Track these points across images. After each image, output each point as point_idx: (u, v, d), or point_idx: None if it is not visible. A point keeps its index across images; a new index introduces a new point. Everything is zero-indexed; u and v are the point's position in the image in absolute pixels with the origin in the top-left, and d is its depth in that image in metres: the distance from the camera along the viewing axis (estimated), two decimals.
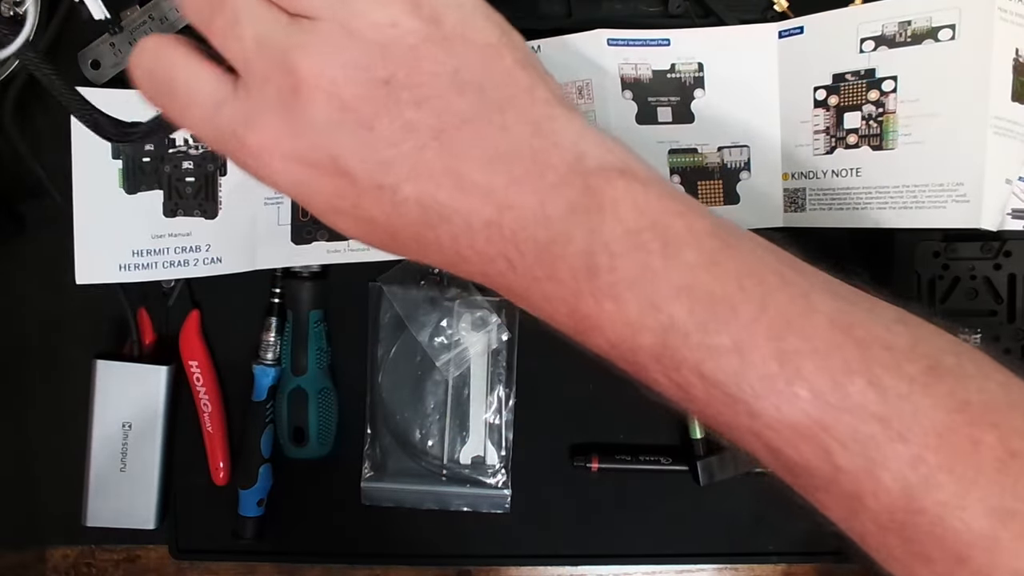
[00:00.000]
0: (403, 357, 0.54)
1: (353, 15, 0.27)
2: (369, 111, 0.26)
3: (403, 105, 0.27)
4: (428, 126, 0.27)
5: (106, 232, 0.52)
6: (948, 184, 0.45)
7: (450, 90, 0.27)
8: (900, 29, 0.46)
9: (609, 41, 0.50)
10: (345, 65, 0.27)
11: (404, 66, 0.27)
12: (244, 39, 0.27)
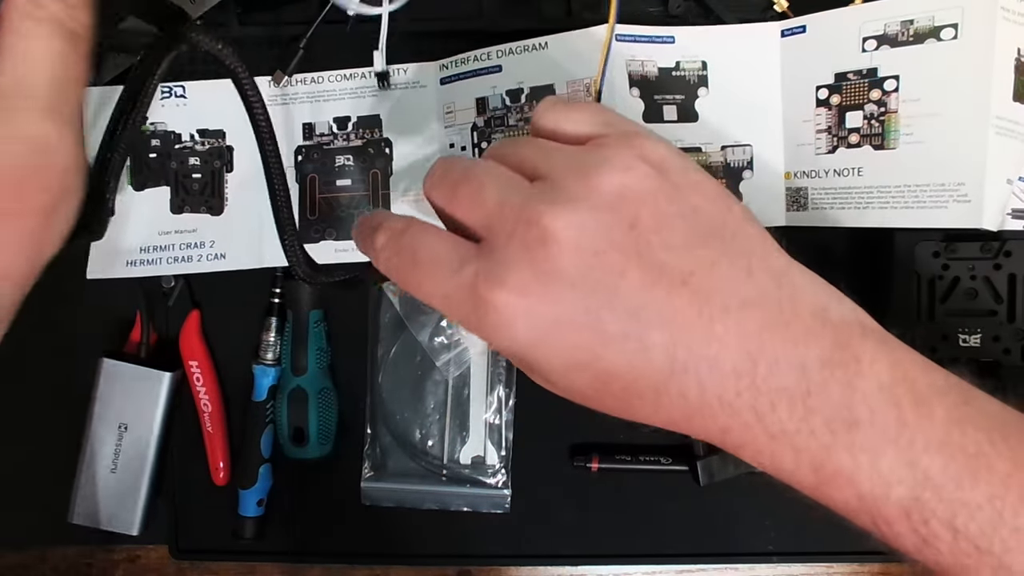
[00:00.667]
0: (403, 357, 0.54)
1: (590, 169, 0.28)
2: (619, 257, 0.26)
3: (653, 249, 0.27)
4: (678, 270, 0.26)
5: (115, 228, 0.52)
6: (949, 184, 0.45)
7: (693, 234, 0.27)
8: (902, 28, 0.46)
9: (617, 36, 0.50)
10: (592, 210, 0.27)
11: (646, 208, 0.27)
12: (487, 203, 0.28)
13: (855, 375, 0.26)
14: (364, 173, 0.53)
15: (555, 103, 0.32)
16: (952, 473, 0.26)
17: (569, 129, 0.31)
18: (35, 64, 0.28)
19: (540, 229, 0.27)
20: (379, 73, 0.52)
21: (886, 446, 0.26)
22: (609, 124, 0.31)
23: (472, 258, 0.28)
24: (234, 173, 0.53)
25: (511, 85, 0.50)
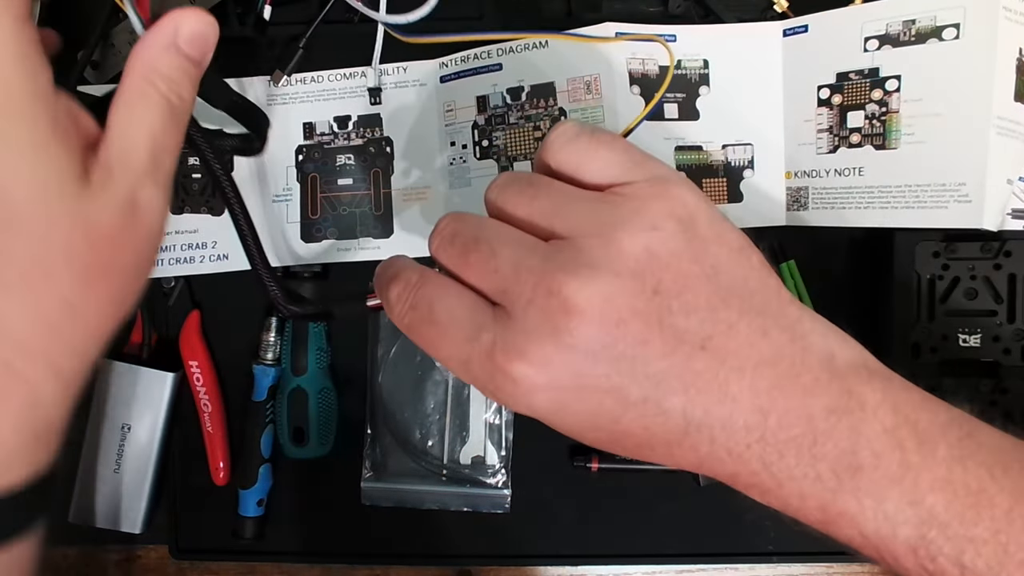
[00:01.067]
0: (403, 357, 0.54)
1: (614, 229, 0.27)
2: (642, 326, 0.26)
3: (675, 315, 0.27)
4: (698, 335, 0.27)
5: None
6: (950, 184, 0.45)
7: (714, 295, 0.27)
8: (904, 28, 0.46)
9: (618, 34, 0.50)
10: (615, 277, 0.26)
11: (669, 272, 0.27)
12: (502, 269, 0.28)
13: (860, 420, 0.27)
14: (365, 172, 0.53)
15: (578, 134, 0.30)
16: (956, 510, 0.26)
17: (594, 171, 0.30)
18: (139, 137, 0.29)
19: (561, 300, 0.26)
20: (371, 88, 0.52)
21: (891, 488, 0.27)
22: (637, 166, 0.30)
23: (490, 324, 0.28)
24: (234, 173, 0.53)
25: (512, 83, 0.50)
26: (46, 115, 0.26)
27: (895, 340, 0.49)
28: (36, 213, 0.26)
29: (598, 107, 0.50)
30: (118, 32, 0.51)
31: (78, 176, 0.26)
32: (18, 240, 0.25)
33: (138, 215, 0.29)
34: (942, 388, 0.48)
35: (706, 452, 0.27)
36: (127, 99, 0.29)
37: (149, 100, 0.29)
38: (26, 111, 0.25)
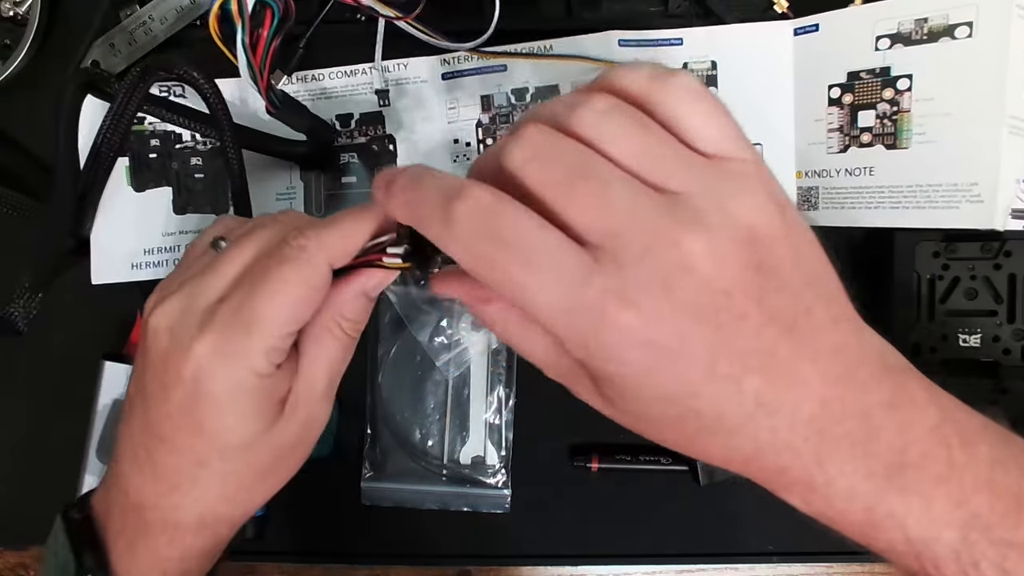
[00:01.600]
0: (403, 357, 0.54)
1: (729, 196, 0.26)
2: (744, 300, 0.26)
3: (769, 293, 0.26)
4: (786, 317, 0.26)
5: (117, 231, 0.52)
6: (962, 184, 0.45)
7: (800, 279, 0.27)
8: (916, 27, 0.46)
9: (620, 42, 0.50)
10: (731, 242, 0.26)
11: (770, 252, 0.26)
12: (617, 208, 0.25)
13: (910, 417, 0.27)
14: (369, 170, 0.53)
15: (704, 95, 0.28)
16: (1000, 511, 0.26)
17: (709, 136, 0.28)
18: (321, 371, 0.35)
19: (681, 254, 0.25)
20: (379, 90, 0.52)
21: (938, 487, 0.26)
22: (746, 144, 0.28)
23: (596, 270, 0.25)
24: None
25: (517, 84, 0.50)
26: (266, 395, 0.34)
27: (895, 340, 0.49)
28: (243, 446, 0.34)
29: None
30: (118, 32, 0.51)
31: (275, 418, 0.34)
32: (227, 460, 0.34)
33: (312, 428, 0.37)
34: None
35: (765, 442, 0.27)
36: (316, 333, 0.35)
37: (333, 338, 0.35)
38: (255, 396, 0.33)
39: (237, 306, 0.32)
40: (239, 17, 0.40)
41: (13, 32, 0.52)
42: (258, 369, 0.32)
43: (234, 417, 0.33)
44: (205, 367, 0.32)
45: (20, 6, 0.51)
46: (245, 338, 0.32)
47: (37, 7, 0.51)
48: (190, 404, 0.33)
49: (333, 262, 0.32)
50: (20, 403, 0.55)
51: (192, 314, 0.33)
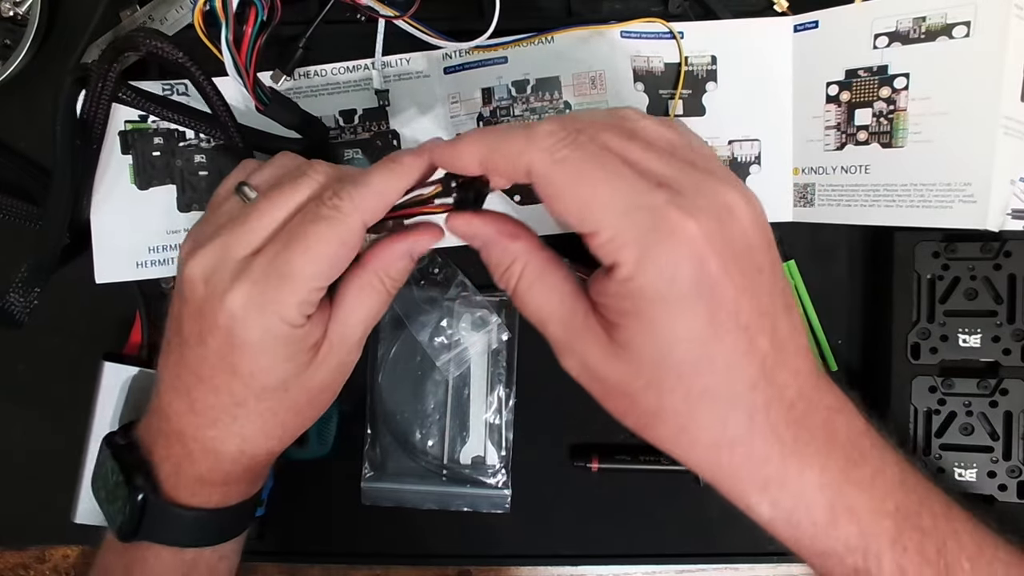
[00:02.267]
0: (403, 357, 0.54)
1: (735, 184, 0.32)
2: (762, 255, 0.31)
3: (776, 266, 0.32)
4: (785, 294, 0.32)
5: (121, 230, 0.52)
6: (956, 184, 0.45)
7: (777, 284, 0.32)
8: (914, 25, 0.46)
9: (622, 34, 0.50)
10: (760, 211, 0.32)
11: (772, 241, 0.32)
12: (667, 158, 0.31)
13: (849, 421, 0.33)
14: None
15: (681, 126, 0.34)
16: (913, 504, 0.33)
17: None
18: (359, 322, 0.37)
19: (726, 200, 0.30)
20: (378, 91, 0.52)
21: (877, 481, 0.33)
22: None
23: (662, 188, 0.29)
24: None
25: (517, 76, 0.50)
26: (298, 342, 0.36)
27: (895, 340, 0.49)
28: (278, 387, 0.36)
29: (603, 102, 0.50)
30: (118, 32, 0.51)
31: (308, 362, 0.36)
32: (263, 400, 0.36)
33: (343, 371, 0.39)
34: (942, 388, 0.48)
35: (760, 422, 0.30)
36: (358, 285, 0.37)
37: (374, 292, 0.37)
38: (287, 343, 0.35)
39: (272, 259, 0.34)
40: (223, 14, 0.41)
41: (13, 32, 0.52)
42: (290, 320, 0.34)
43: (268, 361, 0.35)
44: (240, 316, 0.34)
45: (20, 6, 0.51)
46: (278, 291, 0.34)
47: (37, 7, 0.51)
48: (226, 350, 0.35)
49: (367, 221, 0.34)
50: (20, 403, 0.55)
51: (227, 265, 0.35)
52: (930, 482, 0.35)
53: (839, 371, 0.52)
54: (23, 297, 0.44)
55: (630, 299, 0.30)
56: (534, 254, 0.34)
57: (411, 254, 0.37)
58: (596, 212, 0.30)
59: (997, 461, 0.48)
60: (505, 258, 0.34)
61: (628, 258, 0.29)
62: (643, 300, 0.29)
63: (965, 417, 0.48)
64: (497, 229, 0.34)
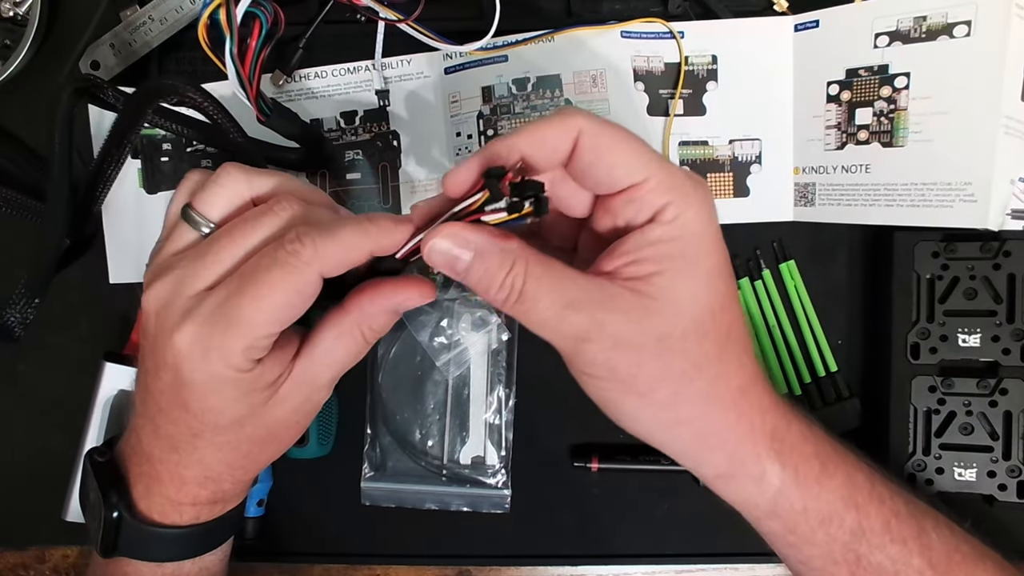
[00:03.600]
0: (403, 357, 0.54)
1: None
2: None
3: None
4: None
5: (130, 233, 0.52)
6: (956, 183, 0.45)
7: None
8: (915, 25, 0.46)
9: (623, 34, 0.50)
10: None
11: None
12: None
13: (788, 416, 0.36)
14: (373, 166, 0.53)
15: None
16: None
17: None
18: (330, 365, 0.36)
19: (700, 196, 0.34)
20: (379, 91, 0.52)
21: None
22: None
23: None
24: None
25: (517, 74, 0.50)
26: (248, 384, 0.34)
27: (894, 340, 0.49)
28: (232, 424, 0.35)
29: (603, 100, 0.50)
30: (118, 32, 0.51)
31: (264, 401, 0.35)
32: (219, 434, 0.36)
33: (308, 411, 0.38)
34: (942, 388, 0.48)
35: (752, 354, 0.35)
36: (337, 331, 0.36)
37: (352, 341, 0.36)
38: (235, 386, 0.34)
39: (222, 303, 0.32)
40: (228, 27, 0.40)
41: (13, 32, 0.52)
42: (236, 365, 0.33)
43: (216, 402, 0.34)
44: (184, 356, 0.33)
45: (20, 6, 0.51)
46: (223, 336, 0.32)
47: (37, 7, 0.51)
48: (176, 386, 0.34)
49: (326, 272, 0.33)
50: (20, 403, 0.55)
51: (178, 301, 0.33)
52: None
53: (839, 371, 0.52)
54: (19, 313, 0.44)
55: (676, 240, 0.32)
56: (531, 250, 0.33)
57: (396, 311, 0.36)
58: (646, 162, 0.32)
59: (997, 461, 0.48)
60: (505, 260, 0.32)
61: (677, 198, 0.32)
62: (688, 238, 0.32)
63: (965, 417, 0.48)
64: (489, 233, 0.33)
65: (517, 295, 0.32)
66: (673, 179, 0.32)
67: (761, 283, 0.52)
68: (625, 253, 0.32)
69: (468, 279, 0.33)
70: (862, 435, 0.51)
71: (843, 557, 0.35)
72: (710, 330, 0.32)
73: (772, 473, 0.34)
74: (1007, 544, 0.50)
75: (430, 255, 0.33)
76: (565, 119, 0.32)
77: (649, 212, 0.32)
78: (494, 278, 0.32)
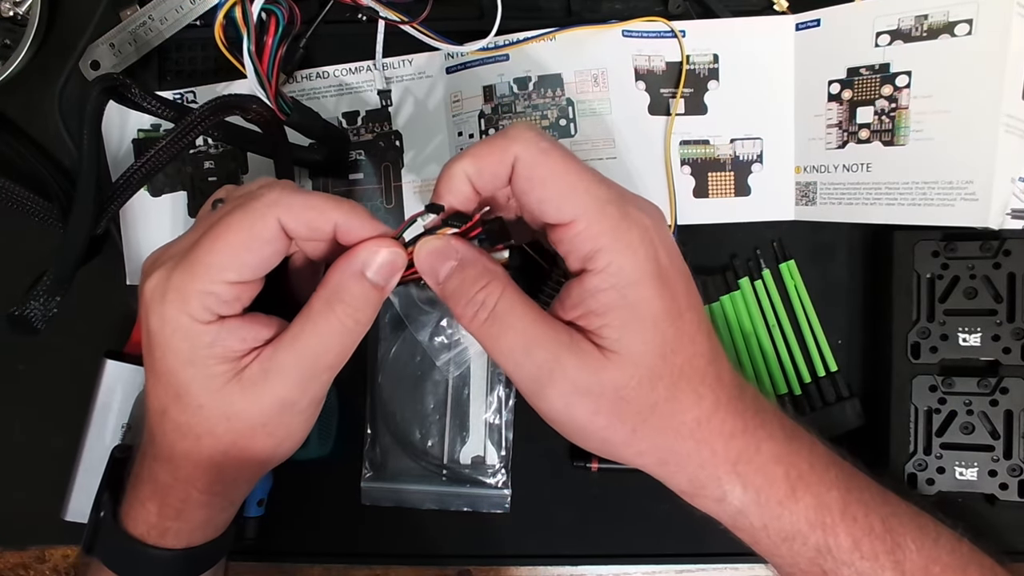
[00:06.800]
0: (403, 357, 0.54)
1: None
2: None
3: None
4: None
5: (137, 234, 0.53)
6: (957, 182, 0.45)
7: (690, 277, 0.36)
8: (916, 23, 0.46)
9: (624, 33, 0.50)
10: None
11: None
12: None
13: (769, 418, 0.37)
14: (376, 167, 0.53)
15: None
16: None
17: None
18: (302, 354, 0.33)
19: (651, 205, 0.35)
20: (380, 91, 0.52)
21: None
22: None
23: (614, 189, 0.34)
24: (249, 175, 0.53)
25: (519, 73, 0.50)
26: (206, 344, 0.32)
27: (895, 340, 0.49)
28: (189, 398, 0.33)
29: (605, 100, 0.50)
30: (118, 32, 0.51)
31: (225, 378, 0.33)
32: (183, 411, 0.34)
33: (284, 425, 0.35)
34: (942, 387, 0.48)
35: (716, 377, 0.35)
36: (306, 314, 0.33)
37: (329, 324, 0.33)
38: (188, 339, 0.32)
39: (186, 249, 0.33)
40: (244, 25, 0.40)
41: (13, 32, 0.52)
42: (191, 312, 0.32)
43: (171, 360, 0.33)
44: (150, 303, 0.33)
45: (20, 6, 0.51)
46: (181, 277, 0.32)
47: (37, 7, 0.51)
48: (147, 344, 0.34)
49: (285, 221, 0.32)
50: (20, 403, 0.55)
51: (161, 258, 0.34)
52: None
53: (839, 371, 0.52)
54: (43, 306, 0.44)
55: (612, 288, 0.32)
56: (510, 280, 0.34)
57: (363, 273, 0.33)
58: (580, 200, 0.32)
59: (998, 460, 0.48)
60: (483, 275, 0.33)
61: (607, 243, 0.31)
62: (624, 285, 0.32)
63: (966, 416, 0.48)
64: (478, 250, 0.34)
65: (487, 313, 0.33)
66: (604, 222, 0.32)
67: (761, 283, 0.52)
68: (572, 306, 0.33)
69: (445, 287, 0.34)
70: (863, 435, 0.51)
71: (808, 569, 0.36)
72: (663, 374, 0.33)
73: (733, 495, 0.35)
74: (1008, 543, 0.50)
75: (419, 253, 0.33)
76: (505, 144, 0.32)
77: (579, 258, 0.32)
78: (468, 290, 0.33)
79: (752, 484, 0.35)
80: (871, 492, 0.37)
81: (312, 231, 0.33)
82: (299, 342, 0.33)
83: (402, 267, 0.34)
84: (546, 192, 0.32)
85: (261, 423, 0.34)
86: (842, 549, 0.35)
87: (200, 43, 0.53)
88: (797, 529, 0.35)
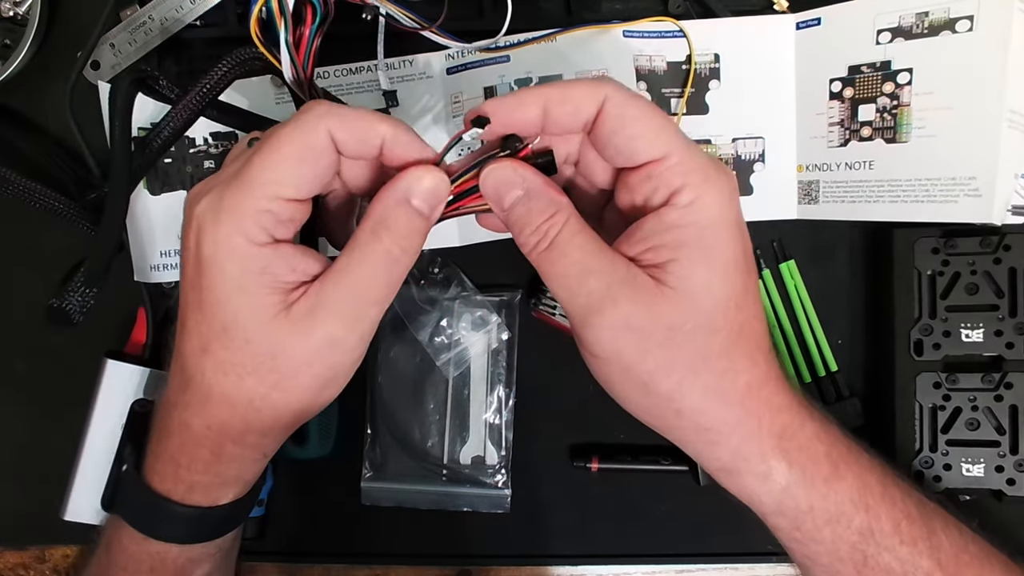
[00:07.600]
0: (403, 357, 0.54)
1: None
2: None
3: None
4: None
5: (140, 233, 0.53)
6: (960, 178, 0.45)
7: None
8: (917, 20, 0.46)
9: (625, 33, 0.50)
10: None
11: None
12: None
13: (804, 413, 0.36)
14: None
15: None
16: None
17: None
18: (348, 287, 0.32)
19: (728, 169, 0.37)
20: (386, 92, 0.52)
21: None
22: None
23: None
24: None
25: (520, 74, 0.50)
26: (258, 268, 0.31)
27: (897, 338, 0.49)
28: (238, 329, 0.32)
29: None
30: (118, 32, 0.51)
31: (275, 310, 0.32)
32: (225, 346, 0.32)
33: (329, 355, 0.33)
34: (946, 384, 0.48)
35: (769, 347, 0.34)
36: (352, 246, 0.33)
37: (371, 252, 0.32)
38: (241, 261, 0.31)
39: (239, 168, 0.32)
40: (280, 16, 0.40)
41: (13, 32, 0.52)
42: (245, 230, 0.31)
43: (222, 286, 0.32)
44: (201, 227, 0.32)
45: (20, 6, 0.52)
46: (235, 196, 0.31)
47: (37, 7, 0.51)
48: (195, 274, 0.32)
49: (335, 133, 0.32)
50: (20, 402, 0.55)
51: (207, 187, 0.33)
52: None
53: (839, 371, 0.52)
54: (80, 298, 0.43)
55: (692, 226, 0.31)
56: (574, 210, 0.33)
57: (408, 200, 0.33)
58: (669, 139, 0.32)
59: (1004, 455, 0.48)
60: (550, 207, 0.33)
61: (696, 181, 0.31)
62: (705, 224, 0.31)
63: (971, 412, 0.48)
64: (544, 179, 0.33)
65: (548, 243, 0.32)
66: (694, 160, 0.32)
67: (761, 283, 0.52)
68: (642, 239, 0.32)
69: (510, 215, 0.33)
70: (864, 434, 0.51)
71: (849, 556, 0.35)
72: (721, 327, 0.32)
73: (778, 472, 0.34)
74: (1017, 540, 0.50)
75: (486, 179, 0.33)
76: (595, 83, 0.32)
77: (665, 192, 0.32)
78: (533, 220, 0.33)
79: (797, 460, 0.34)
80: (900, 478, 0.37)
81: (360, 144, 0.32)
82: (346, 275, 0.32)
83: (446, 196, 0.33)
84: (638, 128, 0.32)
85: (307, 363, 0.33)
86: (884, 533, 0.35)
87: (199, 43, 0.53)
88: (842, 510, 0.34)
